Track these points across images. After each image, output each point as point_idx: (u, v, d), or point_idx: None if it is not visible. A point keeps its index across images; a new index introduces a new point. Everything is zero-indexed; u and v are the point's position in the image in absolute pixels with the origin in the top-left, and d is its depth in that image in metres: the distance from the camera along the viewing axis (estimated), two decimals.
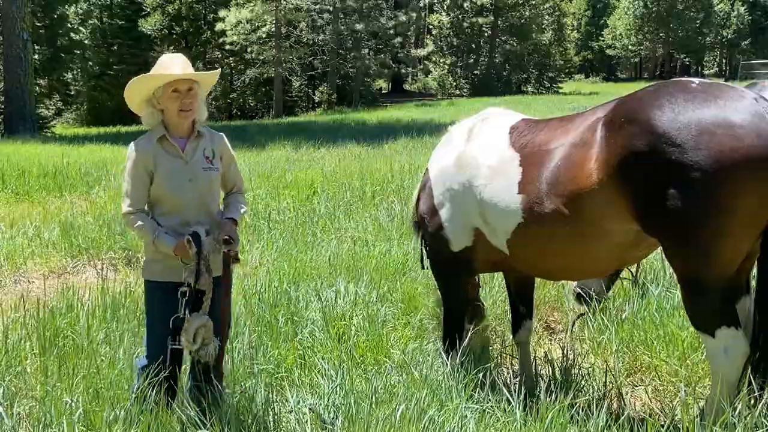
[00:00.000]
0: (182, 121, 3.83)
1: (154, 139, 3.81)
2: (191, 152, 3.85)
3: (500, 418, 3.73)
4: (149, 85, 3.80)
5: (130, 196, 3.78)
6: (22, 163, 14.28)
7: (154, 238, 3.71)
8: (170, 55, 3.94)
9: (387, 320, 5.39)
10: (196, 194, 3.81)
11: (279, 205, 10.06)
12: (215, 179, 3.92)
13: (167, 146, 3.82)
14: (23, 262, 7.84)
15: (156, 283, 3.84)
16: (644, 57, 74.74)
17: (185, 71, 3.80)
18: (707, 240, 3.27)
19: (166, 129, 3.84)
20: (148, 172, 3.77)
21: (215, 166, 3.91)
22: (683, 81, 3.54)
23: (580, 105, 27.99)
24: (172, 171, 3.78)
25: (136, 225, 3.76)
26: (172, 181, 3.77)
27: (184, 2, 45.94)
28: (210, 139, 3.96)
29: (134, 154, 3.80)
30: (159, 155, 3.79)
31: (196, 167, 3.83)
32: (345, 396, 3.97)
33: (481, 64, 57.18)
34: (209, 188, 3.89)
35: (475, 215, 4.21)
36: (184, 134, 3.88)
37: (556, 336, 5.66)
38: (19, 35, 26.66)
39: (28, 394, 4.26)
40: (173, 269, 3.73)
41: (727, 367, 3.38)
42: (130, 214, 3.78)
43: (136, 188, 3.78)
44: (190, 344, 3.66)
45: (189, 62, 3.90)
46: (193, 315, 3.66)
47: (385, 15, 45.59)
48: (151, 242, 3.73)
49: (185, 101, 3.77)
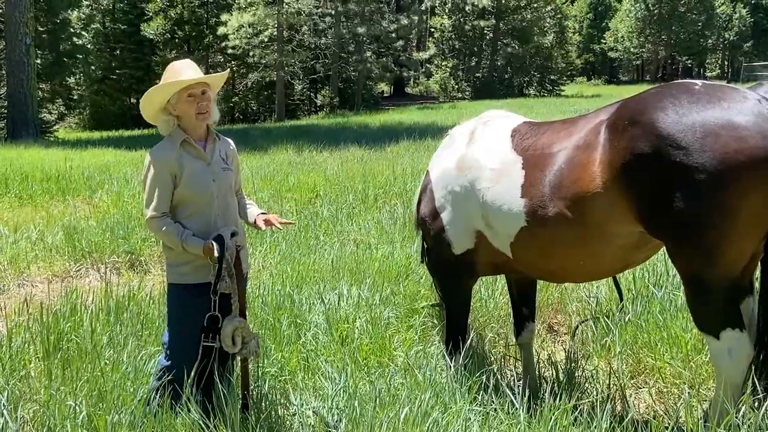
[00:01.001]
0: (201, 123, 3.92)
1: (177, 143, 3.87)
2: (211, 153, 3.96)
3: (504, 420, 3.73)
4: (166, 92, 3.84)
5: (155, 202, 3.82)
6: (25, 167, 14.32)
7: (182, 240, 3.76)
8: (179, 61, 4.00)
9: (390, 323, 5.39)
10: (220, 193, 3.91)
11: (282, 208, 10.07)
12: (231, 179, 4.04)
13: (190, 149, 3.89)
14: (27, 266, 7.85)
15: (183, 286, 3.89)
16: (646, 59, 74.78)
17: (197, 75, 3.88)
18: (711, 241, 3.27)
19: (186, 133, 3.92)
20: (173, 177, 3.82)
21: (230, 166, 4.04)
22: (686, 83, 3.54)
23: (582, 108, 27.99)
24: (197, 172, 3.86)
25: (163, 229, 3.81)
26: (199, 181, 3.85)
27: (186, 6, 46.00)
28: (224, 141, 4.10)
29: (158, 160, 3.84)
30: (184, 158, 3.85)
31: (217, 167, 3.94)
32: (348, 399, 3.97)
33: (483, 66, 57.24)
34: (229, 188, 4.02)
35: (477, 218, 4.21)
36: (201, 137, 3.97)
37: (559, 338, 5.65)
38: (21, 40, 26.72)
39: (32, 398, 4.26)
40: (200, 269, 3.82)
41: (732, 369, 3.37)
42: (155, 219, 3.82)
43: (161, 194, 3.81)
44: (231, 347, 3.71)
45: (200, 70, 3.98)
46: (226, 319, 3.71)
47: (386, 18, 45.57)
48: (179, 244, 3.76)
49: (202, 104, 3.85)
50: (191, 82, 3.81)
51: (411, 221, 8.51)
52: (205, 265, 3.78)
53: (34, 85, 28.41)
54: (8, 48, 27.46)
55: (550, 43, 59.28)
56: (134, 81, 43.81)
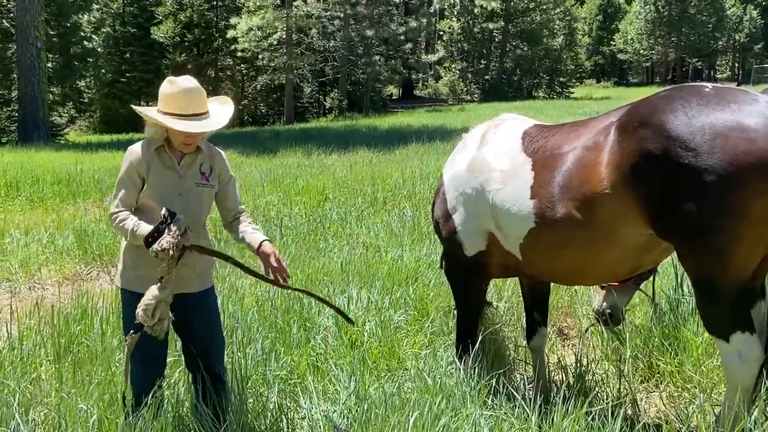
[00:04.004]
0: (184, 148, 3.75)
1: (152, 147, 3.71)
2: (187, 166, 3.77)
3: (515, 425, 3.72)
4: (158, 122, 3.66)
5: (120, 198, 3.68)
6: (36, 170, 14.40)
7: (135, 227, 3.54)
8: (187, 89, 3.68)
9: (400, 326, 5.39)
10: (184, 208, 3.67)
11: (291, 211, 10.08)
12: (207, 195, 3.83)
13: (164, 157, 3.73)
14: (38, 268, 7.90)
15: (131, 292, 3.73)
16: (656, 61, 74.53)
17: (201, 110, 3.67)
18: (721, 243, 3.25)
19: (167, 140, 3.74)
20: (140, 177, 3.68)
21: (211, 182, 3.82)
22: (696, 86, 3.53)
23: (592, 110, 27.93)
24: (163, 183, 3.69)
25: (119, 220, 3.62)
26: (162, 193, 3.68)
27: (195, 10, 46.16)
28: (208, 154, 3.86)
29: (130, 157, 3.70)
30: (153, 164, 3.69)
31: (189, 182, 3.75)
32: (358, 402, 3.97)
33: (492, 69, 57.20)
34: (199, 204, 3.79)
35: (488, 219, 4.21)
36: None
37: (570, 342, 5.63)
38: (32, 44, 26.89)
39: (43, 401, 4.27)
40: (149, 280, 3.57)
41: (742, 372, 3.36)
42: (117, 213, 3.65)
43: (127, 191, 3.68)
44: (149, 318, 3.47)
45: (204, 95, 3.74)
46: (159, 287, 3.49)
47: (395, 21, 45.61)
48: (130, 231, 3.55)
49: (189, 140, 3.69)
50: (190, 132, 3.61)
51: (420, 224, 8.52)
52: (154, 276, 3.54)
53: (44, 89, 28.58)
54: (19, 52, 27.64)
55: (559, 45, 59.19)
56: (144, 84, 44.00)
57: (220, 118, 3.77)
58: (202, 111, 3.68)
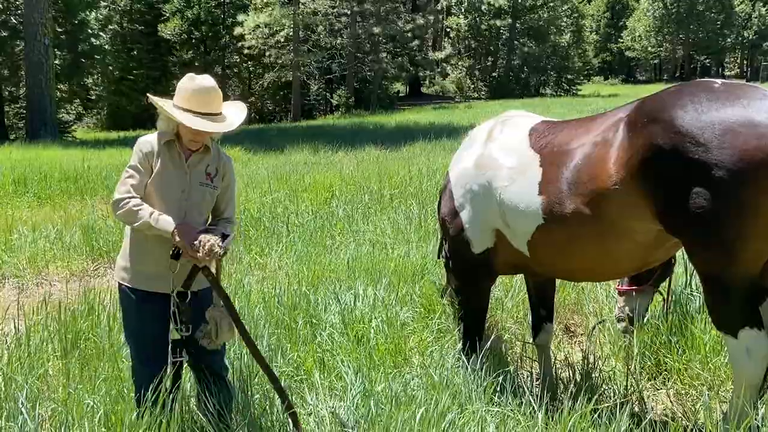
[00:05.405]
0: (191, 145, 3.76)
1: (162, 140, 3.72)
2: (194, 164, 3.76)
3: (521, 422, 3.71)
4: (171, 116, 3.66)
5: (131, 185, 3.62)
6: (43, 167, 14.44)
7: (154, 217, 3.51)
8: (204, 87, 3.68)
9: (406, 323, 5.38)
10: (185, 205, 3.68)
11: (297, 208, 10.08)
12: (209, 196, 3.81)
13: (173, 152, 3.73)
14: (45, 265, 7.92)
15: (130, 288, 3.73)
16: (664, 58, 74.28)
17: (214, 110, 3.68)
18: (730, 239, 3.24)
19: (177, 136, 3.75)
20: (151, 167, 3.67)
21: (214, 183, 3.81)
22: (706, 82, 3.52)
23: (600, 107, 27.85)
24: (168, 177, 3.68)
25: (131, 204, 3.53)
26: (165, 188, 3.67)
27: (203, 7, 46.15)
28: (217, 156, 3.86)
29: (142, 147, 3.69)
30: (162, 157, 3.69)
31: (193, 180, 3.74)
32: (364, 399, 3.97)
33: (499, 66, 57.13)
34: (200, 203, 3.77)
35: (496, 216, 4.19)
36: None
37: (577, 339, 5.62)
38: (40, 41, 26.97)
39: (51, 396, 4.29)
40: (149, 276, 3.64)
41: (750, 369, 3.34)
42: (127, 199, 3.56)
43: (140, 178, 3.64)
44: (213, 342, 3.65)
45: (220, 96, 3.75)
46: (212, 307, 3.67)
47: (402, 18, 45.54)
48: (148, 220, 3.51)
49: (198, 138, 3.70)
50: (198, 129, 3.62)
51: (427, 221, 8.51)
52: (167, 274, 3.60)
53: (52, 86, 28.66)
54: (27, 49, 27.74)
55: (566, 42, 59.03)
56: (151, 81, 44.02)
57: (231, 121, 3.77)
58: (215, 111, 3.69)
